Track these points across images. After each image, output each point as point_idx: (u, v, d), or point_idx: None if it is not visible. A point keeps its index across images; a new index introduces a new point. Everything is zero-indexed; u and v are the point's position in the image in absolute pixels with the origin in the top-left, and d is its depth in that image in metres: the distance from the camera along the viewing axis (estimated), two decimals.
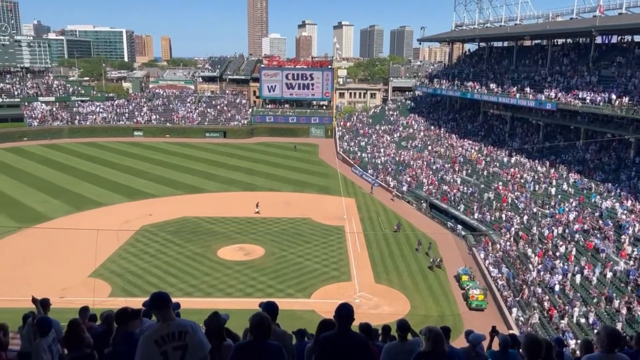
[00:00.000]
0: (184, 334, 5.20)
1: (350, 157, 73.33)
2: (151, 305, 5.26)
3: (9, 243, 39.28)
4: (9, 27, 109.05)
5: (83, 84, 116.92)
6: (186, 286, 32.80)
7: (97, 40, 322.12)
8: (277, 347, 5.05)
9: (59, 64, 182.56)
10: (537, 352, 5.25)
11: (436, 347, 5.40)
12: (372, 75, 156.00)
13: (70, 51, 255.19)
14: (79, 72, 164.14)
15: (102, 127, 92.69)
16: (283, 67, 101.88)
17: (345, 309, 5.49)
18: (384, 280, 34.88)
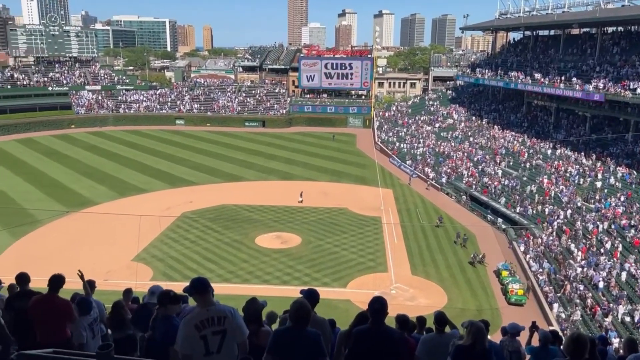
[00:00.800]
0: (223, 318, 5.31)
1: (389, 148, 72.77)
2: (191, 289, 5.39)
3: (58, 226, 40.93)
4: (58, 18, 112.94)
5: (127, 73, 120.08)
6: (224, 272, 33.42)
7: (141, 30, 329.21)
8: (316, 335, 5.09)
9: (105, 53, 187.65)
10: (581, 350, 5.07)
11: (477, 342, 5.32)
12: (413, 65, 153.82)
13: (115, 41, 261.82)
14: (123, 62, 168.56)
15: (145, 115, 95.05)
16: (322, 57, 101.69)
17: (378, 303, 5.46)
18: (420, 273, 34.61)
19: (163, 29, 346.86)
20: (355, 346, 5.46)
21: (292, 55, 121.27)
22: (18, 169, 59.44)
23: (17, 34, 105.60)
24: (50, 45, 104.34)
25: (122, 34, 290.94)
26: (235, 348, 5.37)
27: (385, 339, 5.41)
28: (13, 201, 47.10)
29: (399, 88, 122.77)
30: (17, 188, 51.70)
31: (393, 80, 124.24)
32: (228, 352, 5.33)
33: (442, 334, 7.20)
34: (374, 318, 5.44)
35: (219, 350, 5.31)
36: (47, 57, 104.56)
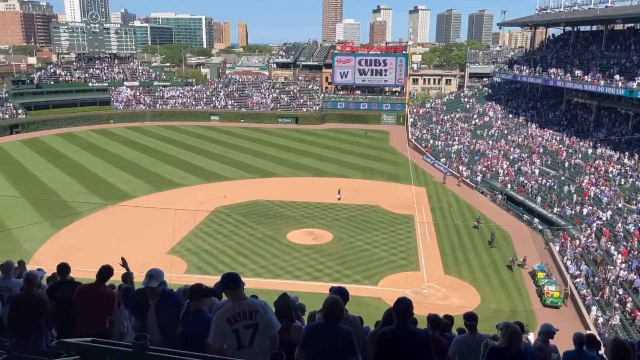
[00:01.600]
0: (255, 313, 5.37)
1: (422, 145, 71.99)
2: (223, 284, 5.46)
3: (97, 218, 42.12)
4: (99, 16, 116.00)
5: (165, 69, 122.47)
6: (256, 267, 33.75)
7: (178, 27, 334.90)
8: (348, 332, 5.09)
9: (143, 50, 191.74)
10: (625, 356, 4.89)
11: (512, 345, 5.22)
12: (448, 61, 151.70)
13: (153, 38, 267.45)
14: (161, 58, 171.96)
15: (181, 111, 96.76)
16: (356, 53, 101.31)
17: (403, 304, 5.42)
18: (453, 272, 34.15)
19: (199, 26, 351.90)
20: (380, 347, 5.44)
21: (326, 52, 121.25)
22: (59, 162, 61.41)
23: (60, 32, 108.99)
24: (91, 42, 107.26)
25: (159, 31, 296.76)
26: (267, 342, 5.42)
27: (411, 340, 5.37)
28: (54, 193, 48.70)
29: (434, 85, 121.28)
30: (59, 181, 53.42)
31: (428, 77, 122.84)
32: (260, 346, 5.39)
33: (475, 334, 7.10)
34: (399, 319, 5.40)
35: (250, 344, 5.38)
36: (88, 53, 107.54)
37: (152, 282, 6.61)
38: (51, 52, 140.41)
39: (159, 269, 6.83)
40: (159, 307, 6.66)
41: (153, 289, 6.65)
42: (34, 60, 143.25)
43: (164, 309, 6.69)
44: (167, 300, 6.79)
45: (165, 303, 6.73)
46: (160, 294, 6.73)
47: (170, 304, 6.77)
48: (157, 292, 6.71)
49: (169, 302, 6.78)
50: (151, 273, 6.68)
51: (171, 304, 6.77)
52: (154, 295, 6.70)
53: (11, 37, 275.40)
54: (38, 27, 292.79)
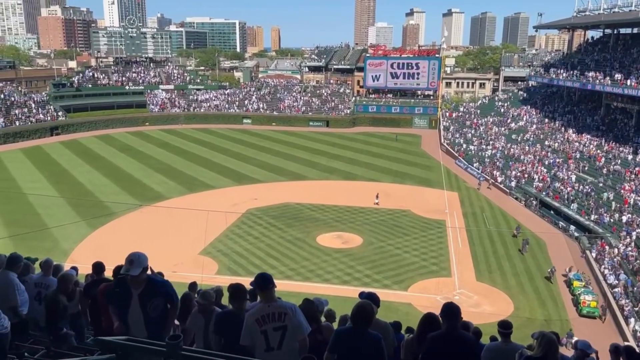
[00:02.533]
0: (284, 315, 5.40)
1: (455, 149, 71.05)
2: (255, 284, 5.51)
3: (131, 219, 43.06)
4: (136, 21, 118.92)
5: (199, 73, 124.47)
6: (286, 269, 33.88)
7: (213, 32, 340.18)
8: (377, 337, 5.07)
9: (178, 54, 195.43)
10: None
11: (547, 355, 5.11)
12: (482, 65, 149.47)
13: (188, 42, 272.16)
14: (195, 62, 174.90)
15: (214, 114, 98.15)
16: (388, 57, 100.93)
17: (454, 308, 5.46)
18: (486, 279, 33.54)
19: (233, 30, 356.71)
20: (430, 351, 5.43)
21: (357, 55, 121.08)
22: (97, 164, 63.09)
23: (99, 36, 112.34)
24: (129, 47, 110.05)
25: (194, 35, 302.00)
26: (296, 345, 5.44)
27: (462, 343, 5.37)
28: (91, 194, 50.04)
29: (468, 88, 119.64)
30: (96, 181, 54.87)
31: (461, 80, 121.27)
32: (289, 349, 5.41)
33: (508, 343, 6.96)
34: (450, 323, 5.41)
35: (279, 346, 5.40)
36: (125, 57, 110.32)
37: (133, 269, 5.73)
38: (90, 56, 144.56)
39: (141, 252, 5.96)
40: (143, 298, 5.88)
41: (135, 278, 5.80)
42: (74, 64, 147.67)
43: (150, 299, 5.92)
44: (153, 289, 5.98)
45: (151, 293, 5.94)
46: (145, 282, 5.92)
47: (156, 293, 5.99)
48: (140, 281, 5.89)
49: (155, 291, 5.99)
50: (131, 258, 5.78)
51: (157, 294, 6.00)
52: (136, 284, 5.89)
53: (53, 42, 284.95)
54: (78, 32, 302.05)
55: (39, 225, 40.35)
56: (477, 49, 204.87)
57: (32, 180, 54.88)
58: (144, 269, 5.85)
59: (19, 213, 43.89)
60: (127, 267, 5.77)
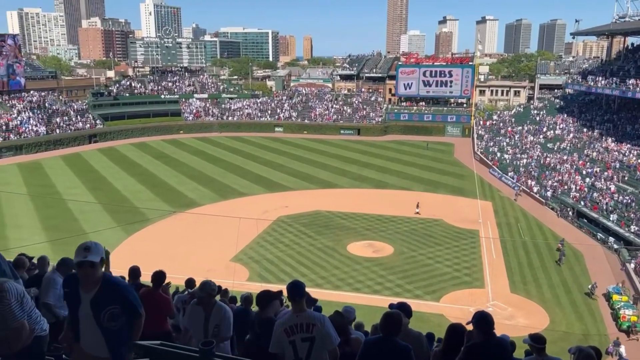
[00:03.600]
0: (312, 326, 5.37)
1: (489, 158, 69.88)
2: (288, 293, 5.52)
3: (165, 225, 43.84)
4: (172, 31, 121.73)
5: (232, 82, 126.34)
6: (316, 277, 33.84)
7: (246, 41, 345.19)
8: (406, 348, 5.01)
9: (212, 63, 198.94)
10: None
11: None
12: (517, 72, 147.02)
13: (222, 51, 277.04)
14: (229, 71, 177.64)
15: (247, 122, 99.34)
16: (421, 65, 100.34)
17: (488, 315, 5.39)
18: (520, 291, 32.74)
19: (266, 39, 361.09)
20: None
21: (390, 64, 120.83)
22: (132, 171, 64.59)
23: (136, 47, 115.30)
24: (164, 56, 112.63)
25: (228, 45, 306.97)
26: (325, 356, 5.41)
27: (501, 350, 5.32)
28: (127, 200, 51.22)
29: (502, 96, 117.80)
30: (131, 188, 56.16)
31: (495, 88, 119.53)
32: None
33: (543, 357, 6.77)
34: (486, 330, 5.36)
35: (307, 357, 5.38)
36: (161, 67, 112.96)
37: (91, 255, 4.59)
38: (128, 65, 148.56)
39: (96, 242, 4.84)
40: (96, 304, 4.66)
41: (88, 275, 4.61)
42: (112, 73, 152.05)
43: (105, 306, 4.69)
44: (109, 292, 4.73)
45: (106, 297, 4.70)
46: (99, 283, 4.70)
47: (112, 298, 4.73)
48: (95, 280, 4.69)
49: (111, 295, 4.73)
50: (87, 245, 4.68)
51: (114, 299, 4.73)
52: (89, 284, 4.68)
53: (92, 52, 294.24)
54: (117, 42, 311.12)
55: (77, 231, 41.47)
56: (511, 56, 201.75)
57: (71, 186, 56.60)
58: (101, 261, 4.66)
59: (58, 218, 45.28)
60: (82, 255, 4.54)
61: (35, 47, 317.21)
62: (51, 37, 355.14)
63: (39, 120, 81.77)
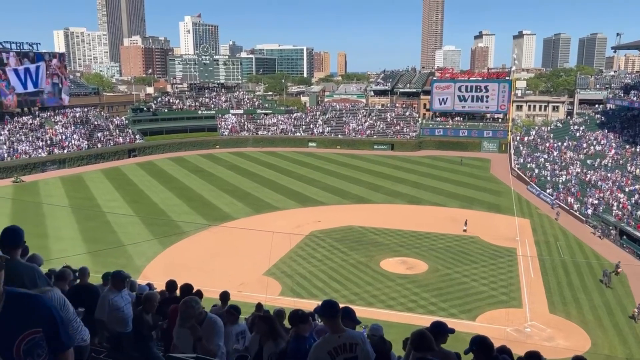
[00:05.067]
0: (355, 345, 5.33)
1: (527, 175, 68.34)
2: (322, 312, 5.47)
3: (200, 238, 44.46)
4: (209, 48, 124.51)
5: (267, 98, 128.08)
6: (349, 293, 33.58)
7: (281, 58, 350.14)
8: None
9: (248, 79, 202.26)
10: None
11: None
12: (555, 87, 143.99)
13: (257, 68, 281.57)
14: (264, 87, 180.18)
15: (281, 137, 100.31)
16: (456, 79, 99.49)
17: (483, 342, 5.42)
18: (560, 312, 31.67)
19: (301, 56, 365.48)
20: None
21: (424, 79, 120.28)
22: (170, 184, 65.93)
23: (175, 63, 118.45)
24: (202, 73, 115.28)
25: (263, 61, 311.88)
26: None
27: None
28: (164, 213, 52.23)
29: (540, 111, 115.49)
30: (168, 201, 57.27)
31: (533, 103, 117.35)
32: None
33: None
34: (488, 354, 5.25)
35: None
36: (199, 83, 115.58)
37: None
38: (166, 82, 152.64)
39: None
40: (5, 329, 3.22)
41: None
42: (151, 90, 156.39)
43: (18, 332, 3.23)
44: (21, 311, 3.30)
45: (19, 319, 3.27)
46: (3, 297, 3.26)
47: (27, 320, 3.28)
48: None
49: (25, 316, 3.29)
50: None
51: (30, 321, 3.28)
52: None
53: (133, 69, 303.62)
54: (156, 59, 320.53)
55: (115, 243, 42.52)
56: (550, 71, 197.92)
57: (110, 199, 58.16)
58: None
59: (97, 230, 46.53)
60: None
61: (79, 65, 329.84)
62: (95, 55, 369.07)
63: (81, 135, 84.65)
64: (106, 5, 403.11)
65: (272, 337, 6.57)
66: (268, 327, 6.64)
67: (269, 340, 6.55)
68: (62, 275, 7.75)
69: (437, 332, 5.83)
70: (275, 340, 6.57)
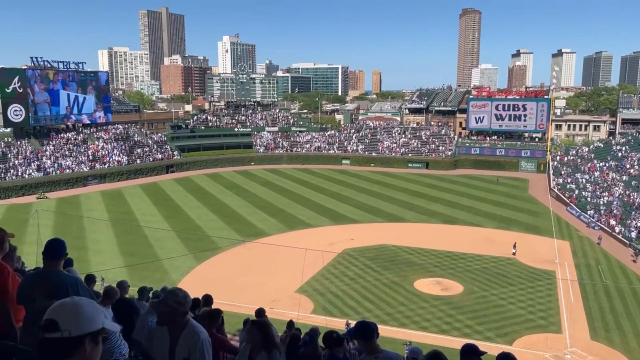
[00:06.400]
0: None
1: (566, 195, 66.47)
2: (357, 334, 5.46)
3: (234, 254, 44.87)
4: (247, 67, 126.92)
5: (302, 116, 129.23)
6: (382, 314, 33.15)
7: (316, 76, 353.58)
8: None
9: (283, 98, 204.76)
10: None
11: None
12: (597, 106, 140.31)
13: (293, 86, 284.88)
14: (299, 105, 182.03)
15: (315, 155, 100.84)
16: (493, 98, 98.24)
17: None
18: (602, 339, 30.41)
19: (336, 74, 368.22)
20: None
21: (460, 97, 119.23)
22: (205, 200, 66.99)
23: (213, 82, 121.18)
24: (239, 91, 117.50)
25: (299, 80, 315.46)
26: None
27: None
28: (199, 228, 53.02)
29: (580, 131, 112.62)
30: (204, 217, 58.14)
31: (573, 123, 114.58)
32: None
33: None
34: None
35: None
36: (236, 101, 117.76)
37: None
38: (204, 100, 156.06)
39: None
40: None
41: None
42: (189, 107, 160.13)
43: None
44: None
45: None
46: None
47: None
48: None
49: None
50: None
51: None
52: None
53: (173, 87, 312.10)
54: (195, 78, 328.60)
55: (152, 257, 43.35)
56: (590, 90, 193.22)
57: (148, 213, 59.47)
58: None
59: (135, 244, 47.56)
60: None
61: (121, 83, 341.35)
62: (136, 73, 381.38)
63: (121, 150, 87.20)
64: (148, 26, 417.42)
65: (266, 348, 5.54)
66: (262, 336, 5.58)
67: (261, 351, 5.55)
68: (109, 293, 7.94)
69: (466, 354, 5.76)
70: (269, 351, 5.54)
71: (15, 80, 78.78)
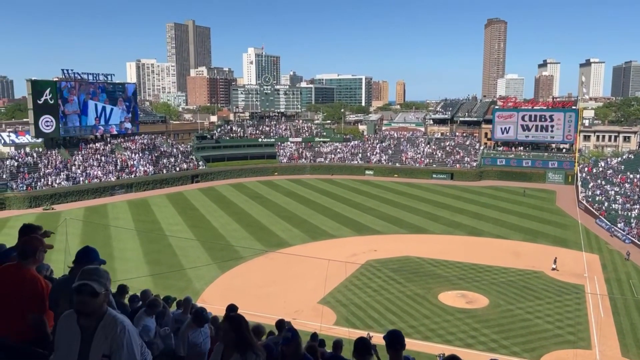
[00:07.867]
0: None
1: (595, 208, 64.92)
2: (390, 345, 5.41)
3: (257, 263, 44.98)
4: (271, 79, 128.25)
5: (325, 126, 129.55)
6: (405, 326, 32.72)
7: (340, 87, 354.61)
8: None
9: (307, 108, 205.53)
10: None
11: None
12: (627, 117, 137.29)
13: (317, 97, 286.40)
14: (322, 116, 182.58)
15: (338, 165, 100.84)
16: (519, 108, 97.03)
17: None
18: (634, 356, 29.43)
19: (359, 85, 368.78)
20: None
21: (485, 107, 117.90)
22: (229, 210, 67.48)
23: (238, 93, 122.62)
24: (263, 102, 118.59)
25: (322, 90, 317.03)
26: None
27: None
28: (223, 238, 53.38)
29: (609, 142, 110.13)
30: (228, 227, 58.54)
31: (602, 134, 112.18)
32: None
33: None
34: None
35: None
36: (260, 112, 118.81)
37: None
38: (229, 111, 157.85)
39: None
40: None
41: None
42: (215, 118, 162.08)
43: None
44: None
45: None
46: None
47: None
48: None
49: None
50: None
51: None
52: None
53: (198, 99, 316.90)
54: (220, 89, 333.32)
55: (176, 266, 43.77)
56: (620, 100, 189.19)
57: (173, 223, 60.16)
58: None
59: (160, 253, 48.11)
60: None
61: (148, 95, 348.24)
62: (163, 84, 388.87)
63: (148, 160, 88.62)
64: (175, 39, 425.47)
65: (239, 349, 4.83)
66: (234, 334, 4.83)
67: (234, 352, 4.83)
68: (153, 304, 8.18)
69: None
70: (242, 352, 4.82)
71: (47, 92, 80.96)
